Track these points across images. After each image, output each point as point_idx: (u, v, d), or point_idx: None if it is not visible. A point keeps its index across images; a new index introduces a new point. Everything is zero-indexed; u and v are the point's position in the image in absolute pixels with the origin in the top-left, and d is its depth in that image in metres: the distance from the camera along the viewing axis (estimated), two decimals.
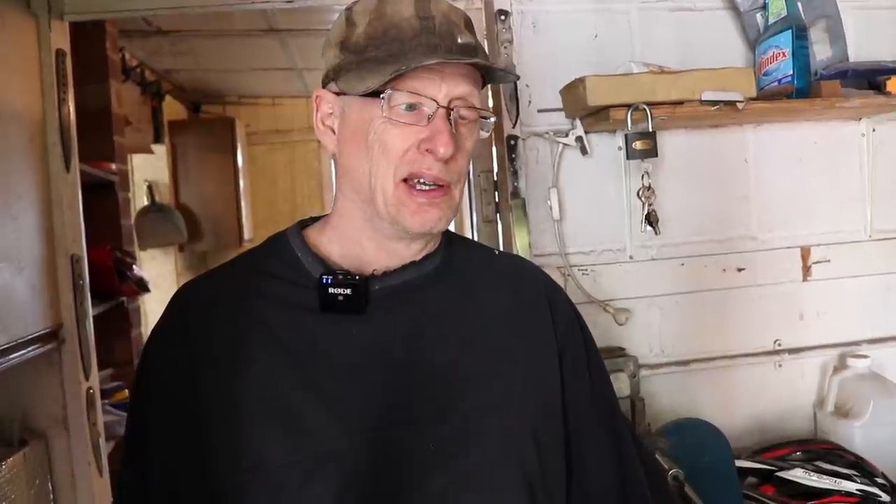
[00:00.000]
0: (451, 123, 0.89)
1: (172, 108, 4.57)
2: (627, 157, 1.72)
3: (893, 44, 2.00)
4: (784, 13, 1.74)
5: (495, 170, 1.99)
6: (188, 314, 0.96)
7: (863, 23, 1.97)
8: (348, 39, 0.91)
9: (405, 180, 0.89)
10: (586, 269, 1.90)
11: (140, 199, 3.93)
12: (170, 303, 0.98)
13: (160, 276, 4.05)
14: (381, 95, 0.87)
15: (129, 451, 0.96)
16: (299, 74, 4.47)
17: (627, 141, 1.69)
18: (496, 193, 1.99)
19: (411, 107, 0.88)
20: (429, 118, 0.88)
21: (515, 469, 0.93)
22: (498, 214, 2.00)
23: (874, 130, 2.02)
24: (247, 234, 4.65)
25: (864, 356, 1.93)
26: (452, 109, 0.89)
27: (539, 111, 1.88)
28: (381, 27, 0.89)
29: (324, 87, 0.97)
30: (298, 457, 0.87)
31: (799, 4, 1.77)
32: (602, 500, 1.03)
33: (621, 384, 1.82)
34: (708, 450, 1.62)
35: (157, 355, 0.96)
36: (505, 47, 1.85)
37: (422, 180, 0.89)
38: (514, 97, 1.86)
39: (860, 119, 2.01)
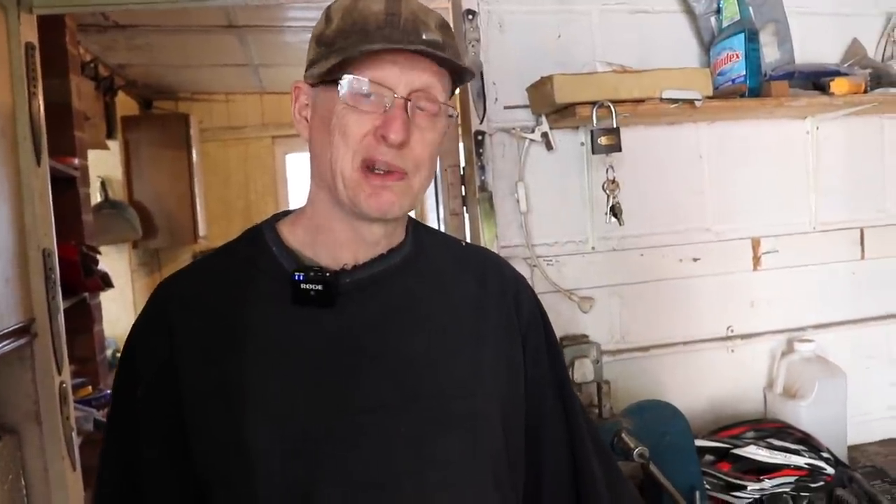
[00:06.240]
0: (407, 113, 0.92)
1: (124, 104, 4.49)
2: (593, 152, 1.79)
3: (834, 47, 2.12)
4: (737, 17, 1.84)
5: (462, 164, 2.05)
6: (168, 308, 0.98)
7: (806, 27, 2.08)
8: (323, 34, 0.96)
9: (363, 167, 0.92)
10: (551, 260, 1.97)
11: (93, 196, 3.86)
12: (151, 296, 1.01)
13: (114, 273, 3.95)
14: (340, 81, 0.91)
15: (113, 437, 0.98)
16: (255, 70, 4.45)
17: (593, 137, 1.76)
18: (463, 187, 2.05)
19: (371, 95, 0.91)
20: (386, 107, 0.92)
21: (482, 451, 0.98)
22: (465, 207, 2.05)
23: (818, 128, 2.14)
24: (201, 231, 4.59)
25: (810, 341, 2.04)
26: (411, 100, 0.92)
27: (505, 108, 1.94)
28: (350, 21, 0.92)
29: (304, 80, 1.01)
30: (277, 441, 0.90)
31: (750, 9, 1.87)
32: (555, 478, 1.09)
33: (585, 369, 1.90)
34: (669, 429, 1.69)
35: (140, 348, 0.98)
36: (472, 46, 1.91)
37: (377, 167, 0.92)
38: (482, 94, 1.92)
39: (805, 118, 2.12)
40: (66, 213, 2.50)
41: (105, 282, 2.67)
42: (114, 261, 4.11)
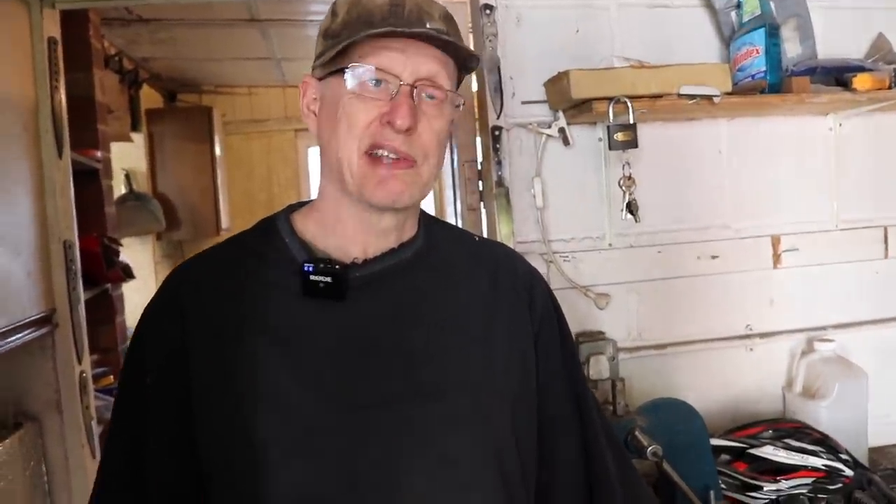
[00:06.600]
0: (413, 100, 0.92)
1: (148, 97, 4.53)
2: (609, 148, 1.77)
3: (857, 42, 2.08)
4: (758, 12, 1.82)
5: (479, 159, 2.05)
6: (181, 293, 0.98)
7: (829, 22, 2.04)
8: (329, 28, 0.97)
9: (370, 154, 0.93)
10: (567, 256, 1.96)
11: (117, 188, 3.90)
12: (163, 283, 1.01)
13: (138, 264, 4.00)
14: (346, 70, 0.92)
15: (119, 424, 0.99)
16: (277, 64, 4.47)
17: (609, 132, 1.75)
18: (480, 182, 2.05)
19: (378, 83, 0.92)
20: (392, 95, 0.92)
21: (491, 449, 0.97)
22: (482, 203, 2.05)
23: (840, 125, 2.10)
24: (224, 224, 4.63)
25: (830, 340, 2.01)
26: (416, 87, 0.93)
27: (523, 103, 1.94)
28: (355, 14, 0.93)
29: (312, 75, 1.02)
30: (283, 433, 0.90)
31: (772, 3, 1.85)
32: (568, 473, 1.08)
33: (601, 367, 1.89)
34: (684, 428, 1.67)
35: (151, 332, 0.98)
36: (490, 41, 1.90)
37: (384, 152, 0.92)
38: (499, 89, 1.91)
39: (827, 114, 2.09)
40: (88, 206, 2.53)
41: (126, 273, 2.71)
42: (137, 252, 4.15)
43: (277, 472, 0.89)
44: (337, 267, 0.96)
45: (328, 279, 0.95)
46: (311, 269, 0.95)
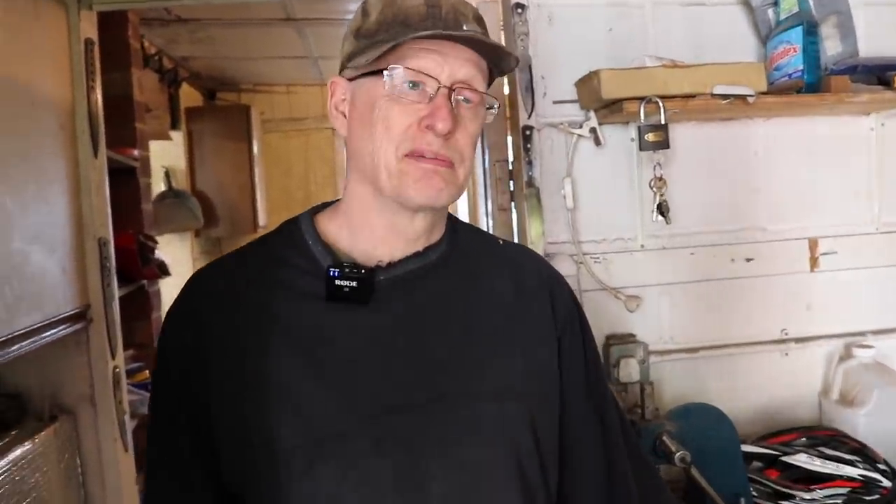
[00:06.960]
0: (451, 103, 0.91)
1: (188, 95, 4.60)
2: (640, 149, 1.75)
3: None
4: (796, 9, 1.77)
5: (510, 159, 2.03)
6: (200, 301, 0.98)
7: (872, 19, 1.99)
8: (361, 28, 0.95)
9: (408, 156, 0.91)
10: (598, 258, 1.94)
11: (157, 185, 3.97)
12: (182, 290, 1.00)
13: (176, 261, 4.07)
14: (384, 72, 0.91)
15: (155, 431, 1.00)
16: (314, 62, 4.51)
17: (640, 133, 1.73)
18: (511, 182, 2.04)
19: (415, 85, 0.90)
20: (430, 97, 0.91)
21: (512, 455, 0.96)
22: (512, 203, 2.04)
23: (883, 125, 2.05)
24: (261, 221, 4.68)
25: (869, 346, 1.96)
26: (454, 90, 0.91)
27: (554, 102, 1.92)
28: (391, 14, 0.92)
29: (339, 75, 1.01)
30: (306, 439, 0.89)
31: (810, 0, 1.80)
32: (588, 479, 1.06)
33: (631, 370, 1.87)
34: (715, 433, 1.65)
35: (172, 341, 0.98)
36: (521, 40, 1.89)
37: (423, 156, 0.91)
38: (530, 88, 1.90)
39: (869, 114, 2.04)
40: (125, 203, 2.57)
41: (162, 270, 2.75)
42: (176, 249, 4.21)
43: (301, 478, 0.89)
44: (363, 271, 0.95)
45: (353, 283, 0.94)
46: (336, 273, 0.94)
